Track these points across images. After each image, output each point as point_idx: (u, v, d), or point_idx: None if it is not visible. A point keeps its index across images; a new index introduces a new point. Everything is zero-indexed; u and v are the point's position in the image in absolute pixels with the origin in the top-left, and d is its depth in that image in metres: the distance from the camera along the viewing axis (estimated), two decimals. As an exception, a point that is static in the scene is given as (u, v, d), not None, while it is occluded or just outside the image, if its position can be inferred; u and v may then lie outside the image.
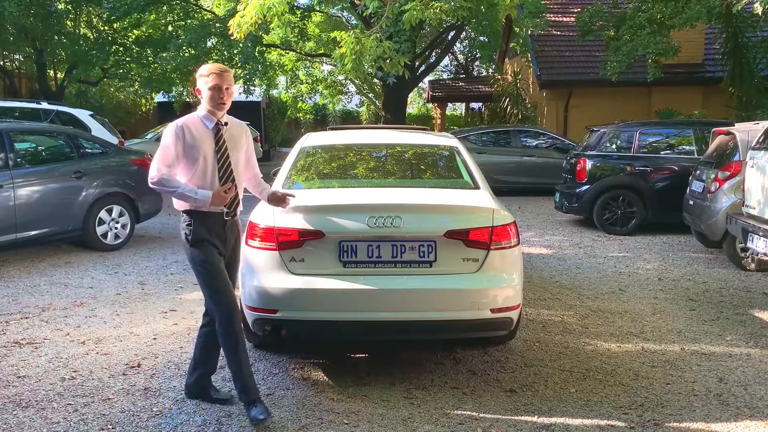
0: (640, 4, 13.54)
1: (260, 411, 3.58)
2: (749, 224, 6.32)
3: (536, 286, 6.73)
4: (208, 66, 3.72)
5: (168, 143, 3.62)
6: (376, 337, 4.55)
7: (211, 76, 3.64)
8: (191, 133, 3.63)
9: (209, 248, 3.67)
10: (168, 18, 20.92)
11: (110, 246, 8.29)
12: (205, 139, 3.67)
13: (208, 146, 3.67)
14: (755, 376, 4.38)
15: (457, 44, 29.70)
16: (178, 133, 3.61)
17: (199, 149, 3.64)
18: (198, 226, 3.66)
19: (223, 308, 3.64)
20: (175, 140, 3.61)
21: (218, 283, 3.66)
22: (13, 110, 11.94)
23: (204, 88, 3.66)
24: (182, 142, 3.61)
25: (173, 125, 3.65)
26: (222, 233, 3.74)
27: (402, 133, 5.87)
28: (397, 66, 10.33)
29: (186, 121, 3.69)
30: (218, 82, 3.64)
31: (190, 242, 3.67)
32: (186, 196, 3.60)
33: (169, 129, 3.64)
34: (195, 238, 3.66)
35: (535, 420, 3.72)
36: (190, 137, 3.62)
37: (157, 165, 3.63)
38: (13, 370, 4.39)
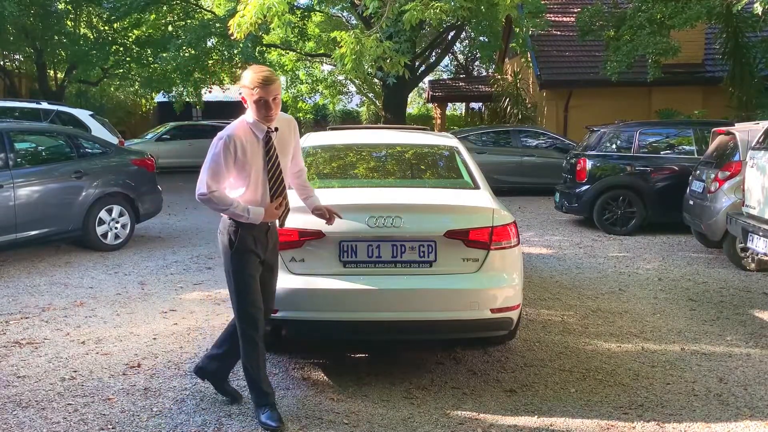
0: (640, 4, 13.54)
1: (272, 417, 3.55)
2: (749, 224, 6.32)
3: (536, 286, 6.73)
4: (252, 75, 3.42)
5: (218, 157, 3.42)
6: (376, 337, 4.55)
7: (256, 90, 3.39)
8: (242, 145, 3.44)
9: (250, 257, 3.57)
10: (168, 18, 20.93)
11: (110, 246, 8.29)
12: (255, 149, 3.49)
13: (259, 156, 3.51)
14: (755, 376, 4.38)
15: (457, 44, 29.72)
16: (228, 145, 3.41)
17: (250, 162, 3.47)
18: (244, 234, 3.54)
19: (250, 318, 3.57)
20: (225, 154, 3.41)
21: (249, 293, 3.57)
22: (13, 110, 11.94)
23: (249, 100, 3.45)
24: (233, 156, 3.42)
25: (223, 137, 3.43)
26: (264, 239, 3.64)
27: (402, 133, 5.87)
28: (397, 66, 10.33)
29: (235, 131, 3.46)
30: (264, 95, 3.39)
31: (233, 249, 3.56)
32: (238, 215, 3.48)
33: (219, 141, 3.43)
34: (239, 246, 3.55)
35: (535, 420, 3.72)
36: (241, 150, 3.43)
37: (206, 181, 3.44)
38: (13, 370, 4.39)
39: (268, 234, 3.67)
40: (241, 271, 3.57)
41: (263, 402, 3.62)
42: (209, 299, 6.19)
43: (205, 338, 5.03)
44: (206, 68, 20.44)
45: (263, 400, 3.63)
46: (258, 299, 3.61)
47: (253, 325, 3.60)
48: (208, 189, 3.44)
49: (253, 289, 3.59)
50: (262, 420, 3.57)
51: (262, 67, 3.55)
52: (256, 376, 3.63)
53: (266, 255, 3.68)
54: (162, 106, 31.04)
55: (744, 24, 13.71)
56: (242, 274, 3.57)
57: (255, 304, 3.59)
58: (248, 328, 3.59)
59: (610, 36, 14.76)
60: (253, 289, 3.59)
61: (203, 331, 5.21)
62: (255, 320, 3.60)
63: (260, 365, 3.64)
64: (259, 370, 3.63)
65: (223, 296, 6.27)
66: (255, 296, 3.60)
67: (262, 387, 3.64)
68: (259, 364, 3.63)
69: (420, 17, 9.44)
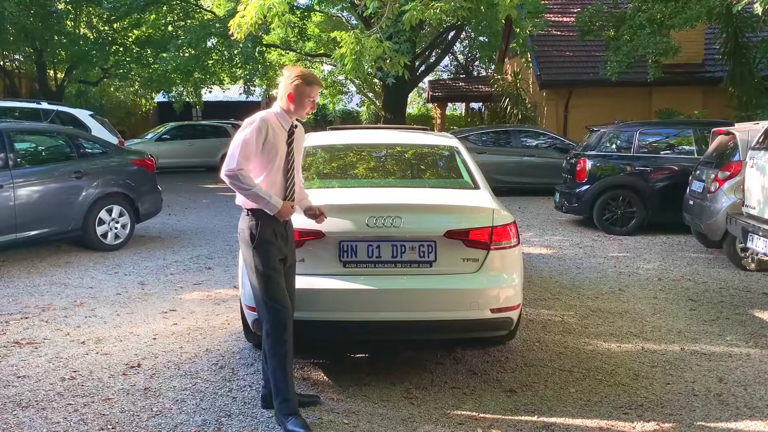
0: (640, 4, 13.53)
1: (298, 424, 3.47)
2: (749, 224, 6.32)
3: (536, 286, 6.73)
4: (312, 76, 3.62)
5: (250, 136, 3.49)
6: (376, 337, 4.54)
7: (315, 90, 3.59)
8: (273, 131, 3.54)
9: (272, 251, 3.56)
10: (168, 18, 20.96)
11: (110, 246, 8.29)
12: (281, 138, 3.59)
13: (283, 146, 3.59)
14: (755, 376, 4.38)
15: (457, 44, 29.71)
16: (261, 127, 3.50)
17: (277, 148, 3.55)
18: (264, 227, 3.55)
19: (278, 314, 3.53)
20: (257, 134, 3.48)
21: (275, 290, 3.54)
22: (13, 110, 11.95)
23: (302, 94, 3.56)
24: (264, 138, 3.51)
25: (257, 119, 3.53)
26: (284, 232, 3.66)
27: (402, 133, 5.87)
28: (397, 66, 10.33)
29: (268, 116, 3.57)
30: (314, 95, 3.60)
31: (255, 243, 3.55)
32: (260, 198, 3.49)
33: (253, 122, 3.52)
34: (260, 239, 3.55)
35: (535, 420, 3.72)
36: (272, 134, 3.53)
37: (237, 157, 3.46)
38: (13, 370, 4.39)
39: (287, 227, 3.69)
40: (262, 266, 3.54)
41: (287, 410, 3.51)
42: (209, 299, 6.19)
43: (205, 338, 5.04)
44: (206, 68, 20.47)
45: (287, 407, 3.52)
46: (284, 295, 3.58)
47: (280, 322, 3.53)
48: (237, 165, 3.46)
49: (278, 283, 3.56)
50: (288, 428, 3.45)
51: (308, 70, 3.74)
52: (282, 380, 3.53)
53: (288, 249, 3.68)
54: (162, 106, 31.05)
55: (744, 24, 13.70)
56: (265, 268, 3.54)
57: (280, 299, 3.55)
58: (275, 324, 3.53)
59: (610, 36, 14.76)
60: (277, 283, 3.56)
61: (203, 331, 5.21)
62: (282, 316, 3.54)
63: (288, 370, 3.55)
64: (285, 373, 3.53)
65: (223, 296, 6.28)
66: (280, 292, 3.56)
67: (288, 394, 3.53)
68: (286, 366, 3.53)
69: (420, 17, 9.43)
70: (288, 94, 3.59)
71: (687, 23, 12.54)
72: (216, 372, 4.36)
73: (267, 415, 3.73)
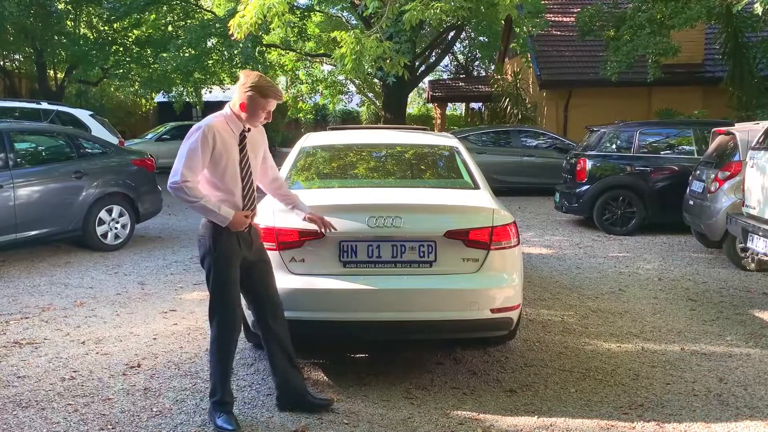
0: (640, 4, 13.54)
1: (229, 421, 3.51)
2: (749, 224, 6.32)
3: (536, 286, 6.73)
4: (268, 89, 3.48)
5: (196, 147, 3.39)
6: (376, 337, 4.54)
7: (270, 103, 3.48)
8: (222, 138, 3.45)
9: (232, 260, 3.53)
10: (168, 18, 20.93)
11: (110, 246, 8.29)
12: (231, 144, 3.50)
13: (234, 151, 3.50)
14: (755, 376, 4.38)
15: (457, 44, 29.71)
16: (208, 136, 3.40)
17: (227, 155, 3.47)
18: (226, 236, 3.51)
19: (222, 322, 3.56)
20: (203, 145, 3.39)
21: (229, 298, 3.55)
22: (13, 110, 11.94)
23: (257, 105, 3.46)
24: (211, 147, 3.41)
25: (203, 128, 3.43)
26: (248, 237, 3.62)
27: (402, 133, 5.87)
28: (397, 66, 10.33)
29: (214, 123, 3.47)
30: (270, 107, 3.51)
31: (215, 251, 3.52)
32: (207, 211, 3.45)
33: (198, 132, 3.41)
34: (220, 250, 3.52)
35: (535, 420, 3.72)
36: (221, 142, 3.44)
37: (181, 170, 3.39)
38: (13, 370, 4.39)
39: (251, 231, 3.65)
40: (220, 274, 3.54)
41: (222, 409, 3.56)
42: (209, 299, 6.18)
43: (205, 338, 5.03)
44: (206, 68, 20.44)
45: (223, 407, 3.57)
46: (237, 303, 3.59)
47: (229, 330, 3.57)
48: (182, 178, 3.38)
49: (233, 293, 3.56)
50: (217, 423, 3.51)
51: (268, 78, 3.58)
52: (222, 382, 3.57)
53: (252, 254, 3.64)
54: (162, 106, 31.03)
55: (744, 24, 13.71)
56: (222, 277, 3.54)
57: (234, 307, 3.57)
58: (224, 332, 3.57)
59: (610, 36, 14.76)
60: (232, 293, 3.56)
61: (203, 331, 5.21)
62: (232, 325, 3.57)
63: (227, 372, 3.61)
64: (226, 376, 3.59)
65: (223, 296, 6.27)
66: (234, 301, 3.57)
67: (224, 396, 3.58)
68: (227, 371, 3.60)
69: (420, 17, 9.44)
70: (240, 103, 3.49)
71: (687, 23, 12.54)
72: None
73: (267, 415, 3.74)
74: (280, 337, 3.74)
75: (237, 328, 3.64)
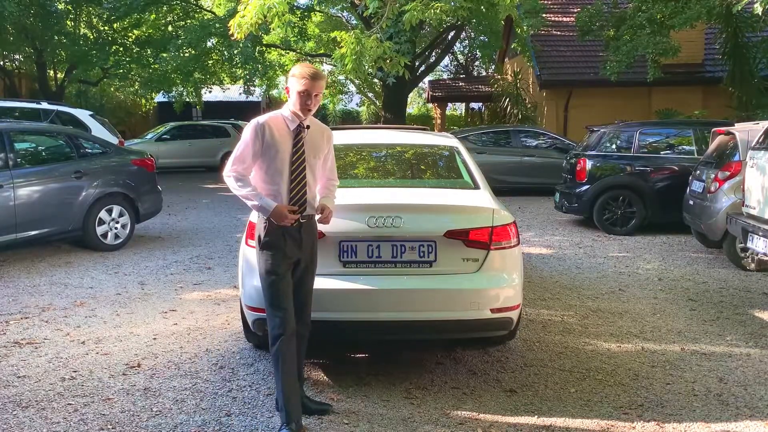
0: (640, 4, 13.53)
1: None
2: (749, 224, 6.32)
3: (536, 286, 6.73)
4: (302, 68, 3.54)
5: (247, 140, 3.52)
6: (376, 337, 4.55)
7: (303, 80, 3.48)
8: (271, 132, 3.51)
9: (278, 255, 3.50)
10: (168, 18, 20.96)
11: (110, 246, 8.29)
12: (285, 139, 3.53)
13: (287, 148, 3.53)
14: (755, 376, 4.38)
15: (457, 44, 29.71)
16: (258, 130, 3.50)
17: (277, 149, 3.51)
18: (273, 228, 3.50)
19: (274, 323, 3.51)
20: (254, 137, 3.49)
21: (275, 295, 3.50)
22: (13, 110, 11.94)
23: (293, 89, 3.52)
24: (261, 141, 3.49)
25: (255, 122, 3.54)
26: (297, 235, 3.55)
27: (402, 133, 5.87)
28: (397, 66, 10.33)
29: (268, 119, 3.56)
30: (308, 87, 3.47)
31: (261, 244, 3.53)
32: (250, 199, 3.49)
33: (250, 125, 3.54)
34: (267, 241, 3.51)
35: (535, 420, 3.72)
36: (270, 136, 3.50)
37: (232, 160, 3.54)
38: (13, 370, 4.39)
39: (301, 230, 3.57)
40: (266, 271, 3.52)
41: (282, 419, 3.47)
42: (209, 299, 6.19)
43: (205, 338, 5.03)
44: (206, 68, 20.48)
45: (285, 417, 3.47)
46: (283, 300, 3.51)
47: (276, 328, 3.50)
48: (231, 167, 3.53)
49: (278, 289, 3.50)
50: None
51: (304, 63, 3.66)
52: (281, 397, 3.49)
53: (303, 253, 3.59)
54: (162, 106, 31.05)
55: (744, 24, 13.71)
56: (269, 273, 3.51)
57: (279, 305, 3.50)
58: (274, 333, 3.51)
59: (610, 36, 14.76)
60: (277, 289, 3.50)
61: (203, 331, 5.21)
62: (282, 327, 3.49)
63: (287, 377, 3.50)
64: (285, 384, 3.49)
65: (223, 296, 6.28)
66: (280, 298, 3.50)
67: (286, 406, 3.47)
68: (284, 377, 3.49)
69: (420, 17, 9.44)
70: (286, 89, 3.62)
71: (687, 23, 12.54)
72: (216, 372, 4.36)
73: (267, 415, 3.74)
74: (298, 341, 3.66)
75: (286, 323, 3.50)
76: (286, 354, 3.51)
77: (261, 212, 3.52)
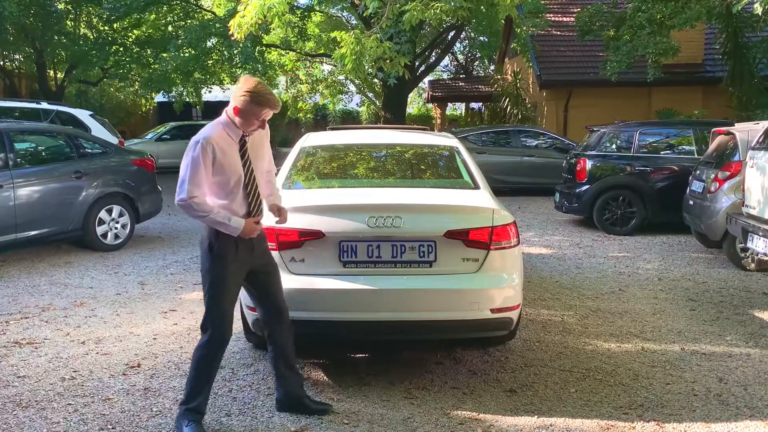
0: (640, 4, 13.53)
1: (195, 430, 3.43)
2: (749, 224, 6.32)
3: (536, 286, 6.73)
4: (265, 97, 3.37)
5: (198, 161, 3.33)
6: (376, 337, 4.54)
7: (265, 112, 3.38)
8: (221, 149, 3.37)
9: (230, 264, 3.47)
10: (168, 18, 20.93)
11: (110, 246, 8.29)
12: (232, 152, 3.43)
13: (236, 160, 3.44)
14: (755, 376, 4.38)
15: (457, 44, 29.71)
16: (207, 149, 3.33)
17: (228, 163, 3.41)
18: (225, 239, 3.44)
19: (215, 333, 3.50)
20: (204, 157, 3.33)
21: (221, 305, 3.48)
22: (13, 110, 11.94)
23: (248, 114, 3.37)
24: (212, 159, 3.35)
25: (201, 141, 3.35)
26: (249, 241, 3.53)
27: (402, 133, 5.87)
28: (397, 66, 10.33)
29: (212, 135, 3.38)
30: (265, 115, 3.40)
31: (213, 252, 3.46)
32: (218, 223, 3.39)
33: (197, 146, 3.34)
34: (220, 249, 3.45)
35: (535, 420, 3.72)
36: (221, 153, 3.37)
37: (186, 187, 3.33)
38: (13, 370, 4.39)
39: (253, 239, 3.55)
40: (216, 278, 3.46)
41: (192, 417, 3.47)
42: (209, 299, 6.18)
43: (205, 338, 5.03)
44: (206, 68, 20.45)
45: (194, 416, 3.48)
46: (230, 312, 3.50)
47: (219, 339, 3.50)
48: (188, 194, 3.33)
49: (228, 299, 3.49)
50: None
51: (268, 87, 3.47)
52: (198, 391, 3.49)
53: (255, 258, 3.58)
54: (162, 106, 31.03)
55: (744, 24, 13.71)
56: (218, 281, 3.46)
57: (225, 316, 3.49)
58: (214, 341, 3.50)
59: (610, 36, 14.76)
60: (227, 299, 3.49)
61: (203, 331, 5.21)
62: (222, 334, 3.51)
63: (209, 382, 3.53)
64: (204, 386, 3.50)
65: (223, 296, 6.27)
66: (226, 309, 3.49)
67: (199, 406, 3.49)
68: (208, 381, 3.52)
69: (420, 17, 9.44)
70: (234, 107, 3.41)
71: (687, 23, 12.54)
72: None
73: (267, 415, 3.74)
74: (283, 343, 3.71)
75: (226, 339, 3.56)
76: (214, 362, 3.52)
77: (230, 232, 3.41)
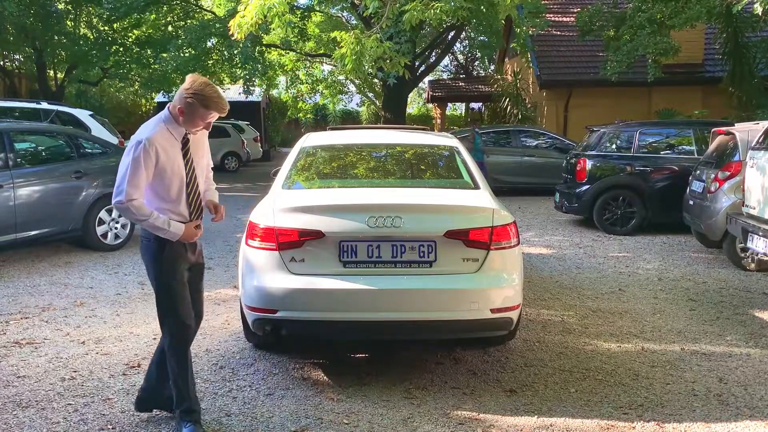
0: (640, 4, 13.54)
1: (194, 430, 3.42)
2: (749, 224, 6.32)
3: (536, 286, 6.73)
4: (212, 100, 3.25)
5: (138, 163, 3.21)
6: (376, 337, 4.55)
7: (211, 115, 3.29)
8: (164, 149, 3.27)
9: (180, 265, 3.41)
10: (168, 18, 20.94)
11: (110, 246, 8.29)
12: (175, 152, 3.33)
13: (178, 160, 3.33)
14: (755, 376, 4.38)
15: (457, 44, 29.72)
16: (150, 151, 3.21)
17: (171, 166, 3.31)
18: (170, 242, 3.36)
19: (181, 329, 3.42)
20: (146, 159, 3.21)
21: (180, 304, 3.40)
22: (13, 110, 11.94)
23: (192, 115, 3.26)
24: (154, 161, 3.23)
25: (143, 142, 3.21)
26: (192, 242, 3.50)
27: (402, 133, 5.88)
28: (397, 66, 10.34)
29: (154, 135, 3.25)
30: (211, 119, 3.31)
31: (162, 256, 3.36)
32: (157, 228, 3.29)
33: (139, 147, 3.20)
34: (168, 253, 3.37)
35: (535, 420, 3.72)
36: (164, 154, 3.26)
37: (125, 188, 3.20)
38: (13, 370, 4.39)
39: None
40: (171, 281, 3.38)
41: (189, 417, 3.44)
42: (209, 299, 6.18)
43: (205, 338, 5.03)
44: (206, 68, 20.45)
45: (190, 416, 3.45)
46: (188, 309, 3.44)
47: (184, 339, 3.45)
48: (126, 197, 3.21)
49: (183, 297, 3.42)
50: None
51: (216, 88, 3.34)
52: (185, 393, 3.45)
53: (195, 256, 3.54)
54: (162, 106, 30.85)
55: (744, 24, 13.72)
56: (173, 283, 3.38)
57: (184, 313, 3.42)
58: (179, 341, 3.43)
59: (610, 36, 14.77)
60: (183, 296, 3.42)
61: (203, 331, 5.19)
62: (187, 333, 3.46)
63: (190, 381, 3.48)
64: (188, 386, 3.46)
65: (223, 296, 6.28)
66: (185, 306, 3.43)
67: (191, 405, 3.47)
68: (188, 380, 3.47)
69: (420, 17, 9.44)
70: (179, 108, 3.28)
71: (687, 23, 12.54)
72: (216, 372, 4.37)
73: (267, 415, 3.74)
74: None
75: (190, 336, 3.50)
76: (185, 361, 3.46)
77: (170, 237, 3.33)
